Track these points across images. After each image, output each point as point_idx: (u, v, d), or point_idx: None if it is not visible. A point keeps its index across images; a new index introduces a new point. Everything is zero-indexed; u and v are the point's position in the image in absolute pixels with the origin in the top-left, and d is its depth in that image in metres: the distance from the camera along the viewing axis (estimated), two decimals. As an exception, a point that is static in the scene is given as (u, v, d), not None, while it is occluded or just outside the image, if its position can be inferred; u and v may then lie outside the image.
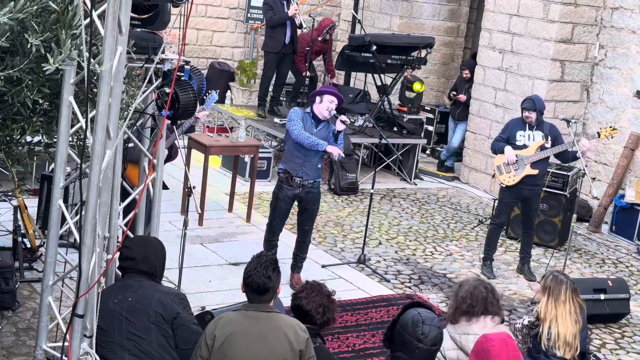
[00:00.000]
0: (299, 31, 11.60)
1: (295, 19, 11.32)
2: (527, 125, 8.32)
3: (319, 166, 7.46)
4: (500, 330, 4.54)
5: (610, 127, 8.69)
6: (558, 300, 5.35)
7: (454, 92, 12.40)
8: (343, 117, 7.32)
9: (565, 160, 8.57)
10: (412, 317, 4.13)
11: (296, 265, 7.76)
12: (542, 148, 8.30)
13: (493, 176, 8.57)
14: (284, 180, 7.40)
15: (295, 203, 7.61)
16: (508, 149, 8.29)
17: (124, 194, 5.50)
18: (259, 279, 4.13)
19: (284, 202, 7.46)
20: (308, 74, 11.88)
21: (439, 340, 4.13)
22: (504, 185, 8.38)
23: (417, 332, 4.08)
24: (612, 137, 8.72)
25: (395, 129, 11.86)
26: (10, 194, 8.42)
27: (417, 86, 12.39)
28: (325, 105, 7.30)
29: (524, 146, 8.32)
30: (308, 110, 7.42)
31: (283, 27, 11.40)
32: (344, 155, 7.47)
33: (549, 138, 8.33)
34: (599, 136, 8.52)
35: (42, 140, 4.91)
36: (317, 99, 7.34)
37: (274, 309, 4.21)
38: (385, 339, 4.28)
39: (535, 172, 8.29)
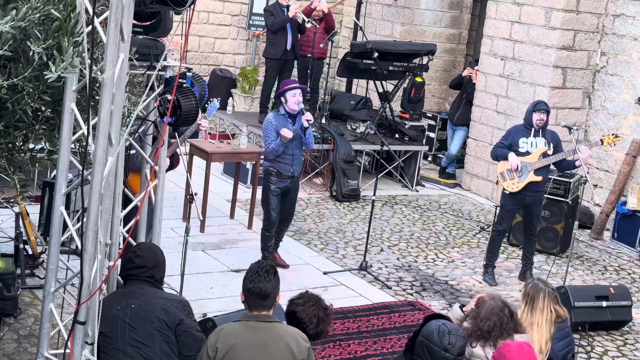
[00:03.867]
0: (303, 30, 11.59)
1: (297, 18, 11.33)
2: (531, 131, 8.31)
3: (302, 158, 8.16)
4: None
5: (613, 134, 8.69)
6: (535, 307, 5.30)
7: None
8: (308, 117, 7.84)
9: (563, 168, 8.57)
10: (438, 328, 4.14)
11: (276, 246, 8.27)
12: (545, 155, 8.30)
13: (497, 182, 8.56)
14: (274, 174, 7.92)
15: None
16: (512, 155, 8.29)
17: (125, 201, 5.50)
18: (261, 283, 4.13)
19: (275, 193, 7.96)
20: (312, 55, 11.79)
21: (463, 351, 4.16)
22: (507, 192, 8.38)
23: (444, 342, 4.09)
24: (615, 145, 8.72)
25: (397, 135, 11.86)
26: (12, 200, 8.42)
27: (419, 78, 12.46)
28: (291, 102, 7.80)
29: (527, 153, 8.32)
30: (282, 112, 7.89)
31: (284, 33, 11.41)
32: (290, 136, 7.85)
33: (551, 145, 8.33)
34: (602, 143, 8.52)
35: (44, 147, 4.92)
36: (282, 99, 7.88)
37: (274, 318, 4.20)
38: (406, 350, 4.28)
39: (539, 178, 8.30)
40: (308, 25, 11.44)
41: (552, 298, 5.32)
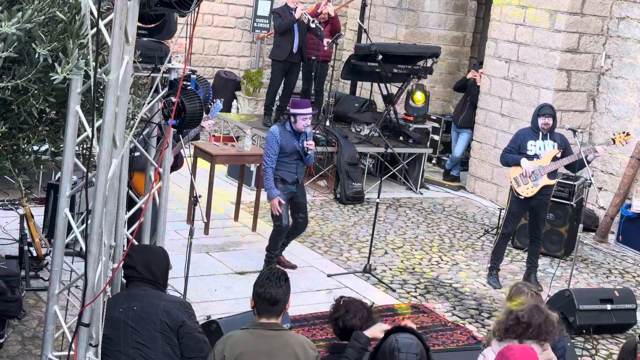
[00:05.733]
0: (315, 32, 11.58)
1: (303, 18, 11.33)
2: (539, 134, 8.29)
3: (305, 166, 8.24)
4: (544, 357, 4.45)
5: (624, 132, 8.68)
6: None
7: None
8: (310, 145, 8.01)
9: (574, 168, 8.54)
10: (389, 345, 4.03)
11: (282, 249, 8.31)
12: (555, 158, 8.28)
13: (511, 189, 8.50)
14: (279, 181, 7.96)
15: None
16: (524, 161, 8.25)
17: (130, 203, 5.51)
18: (271, 289, 4.12)
19: (283, 199, 7.95)
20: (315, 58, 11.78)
21: None
22: (522, 197, 8.33)
23: None
24: (626, 143, 8.72)
25: (401, 138, 11.86)
26: (16, 202, 8.44)
27: (417, 96, 12.41)
28: (300, 125, 7.90)
29: (535, 156, 8.30)
30: (288, 128, 7.95)
31: (291, 35, 11.41)
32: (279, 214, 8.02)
33: (560, 148, 8.32)
34: (614, 142, 8.50)
35: (48, 149, 4.92)
36: (292, 119, 7.92)
37: (282, 326, 4.19)
38: None
39: (553, 182, 8.30)
40: (313, 25, 11.45)
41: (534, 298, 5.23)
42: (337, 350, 4.43)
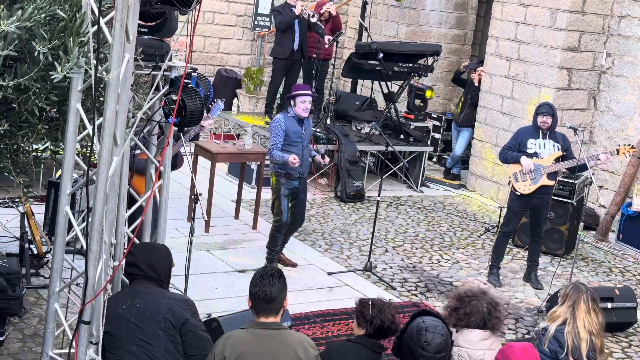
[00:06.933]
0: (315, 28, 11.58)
1: (304, 14, 11.33)
2: (539, 133, 8.29)
3: (309, 160, 8.25)
4: (487, 346, 4.49)
5: (629, 145, 8.68)
6: (578, 307, 5.27)
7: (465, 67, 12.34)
8: (325, 160, 8.34)
9: (574, 170, 8.54)
10: (417, 325, 4.13)
11: (282, 246, 8.31)
12: (558, 160, 8.28)
13: (509, 183, 8.53)
14: (282, 176, 7.95)
15: None
16: (524, 159, 8.25)
17: (130, 201, 5.51)
18: (266, 287, 4.12)
19: (285, 194, 7.99)
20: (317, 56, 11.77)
21: (443, 348, 4.11)
22: (518, 193, 8.34)
23: (421, 340, 4.07)
24: (630, 155, 8.74)
25: (401, 136, 11.85)
26: (17, 200, 8.44)
27: (427, 94, 12.40)
28: (300, 108, 7.90)
29: (535, 154, 8.29)
30: (291, 113, 7.93)
31: (292, 33, 11.41)
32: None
33: (562, 150, 8.31)
34: (617, 153, 8.49)
35: (49, 148, 4.93)
36: (292, 102, 7.95)
37: (281, 325, 4.19)
38: (394, 347, 4.27)
39: (552, 182, 8.29)
40: (313, 20, 11.44)
41: (593, 300, 5.32)
42: (361, 341, 4.48)
